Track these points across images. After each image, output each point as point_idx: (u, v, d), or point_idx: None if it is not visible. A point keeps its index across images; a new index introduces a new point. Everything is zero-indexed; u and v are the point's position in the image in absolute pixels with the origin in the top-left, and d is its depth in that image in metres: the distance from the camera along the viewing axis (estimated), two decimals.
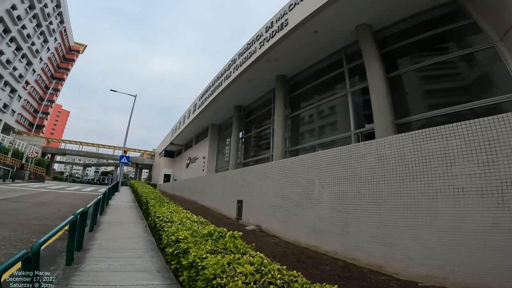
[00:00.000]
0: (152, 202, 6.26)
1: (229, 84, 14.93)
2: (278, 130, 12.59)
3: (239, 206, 9.66)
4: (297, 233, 6.46)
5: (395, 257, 4.19)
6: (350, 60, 10.10)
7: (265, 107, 15.58)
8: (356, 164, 5.15)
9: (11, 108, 42.07)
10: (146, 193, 8.63)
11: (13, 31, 36.63)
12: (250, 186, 9.18)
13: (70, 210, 8.58)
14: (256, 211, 8.60)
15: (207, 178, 14.94)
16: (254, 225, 8.43)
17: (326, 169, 5.89)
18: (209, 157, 23.62)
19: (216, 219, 9.91)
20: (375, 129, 8.03)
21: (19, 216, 7.05)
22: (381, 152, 4.74)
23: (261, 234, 7.54)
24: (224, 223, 9.10)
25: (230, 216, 10.30)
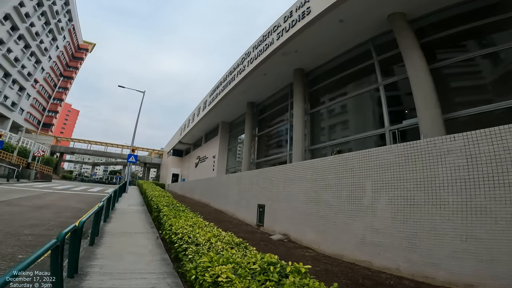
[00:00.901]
0: (165, 210, 5.18)
1: (243, 79, 13.97)
2: (298, 127, 11.59)
3: (260, 211, 8.55)
4: (340, 246, 5.34)
5: (500, 274, 3.07)
6: (380, 51, 9.14)
7: (281, 103, 14.59)
8: (431, 164, 3.97)
9: (19, 106, 41.85)
10: (157, 197, 7.58)
11: (21, 28, 36.28)
12: (274, 189, 8.06)
13: (71, 215, 7.61)
14: (283, 218, 7.48)
15: (221, 179, 13.88)
16: (280, 233, 7.31)
17: (384, 170, 4.73)
18: (219, 156, 22.73)
19: (234, 225, 8.83)
20: (419, 125, 7.04)
21: (12, 222, 6.08)
22: (471, 150, 3.56)
23: (292, 246, 6.42)
24: (244, 231, 8.01)
25: (249, 222, 9.20)
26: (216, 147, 23.32)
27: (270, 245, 6.39)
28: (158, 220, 6.03)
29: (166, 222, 4.21)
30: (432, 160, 4.00)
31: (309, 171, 6.62)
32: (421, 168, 4.12)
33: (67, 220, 6.84)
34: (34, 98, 45.82)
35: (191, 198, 18.27)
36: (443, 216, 3.74)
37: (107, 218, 6.83)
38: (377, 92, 9.02)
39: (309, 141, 11.98)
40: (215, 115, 21.71)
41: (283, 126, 14.47)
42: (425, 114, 6.92)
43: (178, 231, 3.51)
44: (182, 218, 4.27)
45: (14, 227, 5.70)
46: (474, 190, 3.48)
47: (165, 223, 4.24)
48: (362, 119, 10.16)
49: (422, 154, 4.17)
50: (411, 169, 4.29)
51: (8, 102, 38.81)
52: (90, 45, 63.93)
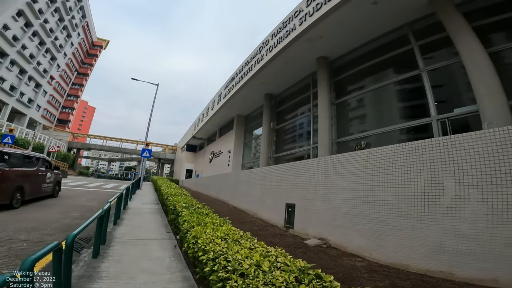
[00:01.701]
0: (185, 214, 4.16)
1: (261, 69, 13.14)
2: (324, 118, 10.65)
3: (289, 212, 7.48)
4: (404, 254, 4.25)
5: None
6: (421, 36, 8.26)
7: (301, 94, 13.68)
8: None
9: (36, 103, 42.32)
10: (173, 196, 6.60)
11: (35, 25, 36.37)
12: (308, 186, 6.94)
13: (79, 216, 6.78)
14: (319, 220, 6.37)
15: (241, 175, 12.86)
16: (316, 237, 6.23)
17: (475, 163, 3.55)
18: (235, 151, 21.89)
19: (258, 227, 7.81)
20: (481, 112, 6.09)
21: (9, 224, 5.27)
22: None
23: (334, 253, 5.33)
24: (272, 234, 6.98)
25: (274, 223, 8.15)
26: (231, 142, 22.55)
27: (309, 252, 5.32)
28: (175, 223, 5.06)
29: (188, 232, 3.19)
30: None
31: (361, 165, 5.46)
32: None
33: (73, 222, 6.00)
34: (50, 95, 46.29)
35: (207, 195, 17.41)
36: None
37: (117, 220, 5.93)
38: (418, 79, 8.12)
39: (336, 133, 10.96)
40: (230, 108, 21.03)
41: (304, 118, 13.56)
42: (488, 100, 6.05)
43: (208, 247, 2.47)
44: (209, 227, 3.23)
45: (9, 230, 4.86)
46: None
47: (187, 233, 3.22)
48: (397, 109, 9.21)
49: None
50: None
51: (25, 98, 39.25)
52: (104, 42, 64.25)
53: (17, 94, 36.75)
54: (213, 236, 2.80)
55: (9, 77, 34.44)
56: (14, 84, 36.03)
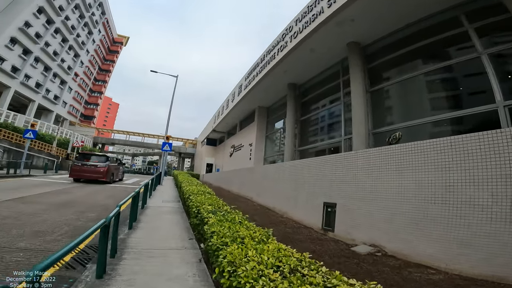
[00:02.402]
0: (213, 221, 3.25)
1: (284, 57, 12.25)
2: (358, 107, 9.67)
3: (328, 212, 6.46)
4: (503, 266, 3.14)
5: None
6: (476, 18, 7.07)
7: (329, 83, 12.57)
8: None
9: (62, 99, 43.51)
10: (195, 195, 5.72)
11: (57, 22, 36.98)
12: (354, 182, 5.87)
13: (94, 217, 6.13)
14: (368, 222, 5.33)
15: (267, 169, 11.89)
16: (366, 243, 5.21)
17: None
18: (256, 144, 21.05)
19: (291, 229, 6.87)
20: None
21: (12, 228, 4.65)
22: None
23: (395, 263, 4.32)
24: (309, 238, 6.03)
25: (309, 224, 7.17)
26: (253, 135, 21.75)
27: (363, 264, 4.32)
28: (198, 230, 4.23)
29: (220, 252, 2.28)
30: None
31: (432, 157, 4.33)
32: None
33: (86, 225, 5.33)
34: (75, 91, 47.43)
35: (228, 190, 16.67)
36: None
37: (133, 223, 5.18)
38: (479, 62, 6.79)
39: (371, 124, 9.83)
40: (252, 100, 20.28)
41: (333, 108, 12.63)
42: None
43: (256, 282, 1.55)
44: (249, 245, 2.30)
45: (9, 236, 4.21)
46: None
47: (218, 253, 2.31)
48: (446, 97, 7.99)
49: None
50: None
51: (51, 95, 40.36)
52: (124, 38, 65.06)
53: (43, 91, 37.81)
54: (260, 264, 1.87)
55: (34, 74, 35.38)
56: (40, 81, 37.04)
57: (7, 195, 7.64)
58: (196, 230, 4.55)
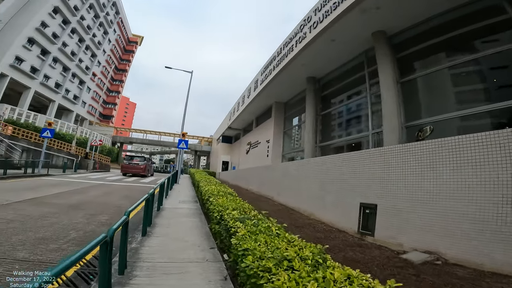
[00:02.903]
0: (243, 234, 2.56)
1: (303, 49, 11.63)
2: (390, 99, 8.97)
3: (365, 214, 5.66)
4: None
5: None
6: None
7: (353, 75, 11.89)
8: None
9: (81, 99, 44.35)
10: (216, 196, 5.04)
11: (73, 22, 37.48)
12: (403, 180, 5.01)
13: (106, 220, 5.62)
14: (421, 225, 4.54)
15: (289, 167, 11.12)
16: (419, 250, 4.41)
17: None
18: (274, 140, 20.35)
19: (322, 233, 6.11)
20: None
21: (16, 234, 4.18)
22: None
23: (465, 274, 3.56)
24: (345, 244, 5.27)
25: (342, 227, 6.38)
26: (270, 131, 21.05)
27: (423, 275, 3.54)
28: (221, 238, 3.58)
29: (260, 282, 1.59)
30: None
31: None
32: None
33: (96, 230, 4.81)
34: (94, 91, 48.26)
35: (247, 189, 16.03)
36: None
37: (147, 228, 4.60)
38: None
39: (403, 117, 9.03)
40: (268, 95, 19.61)
41: (357, 101, 11.94)
42: None
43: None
44: (300, 267, 1.60)
45: (9, 244, 3.72)
46: None
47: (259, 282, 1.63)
48: (494, 85, 7.08)
49: None
50: None
51: (70, 95, 41.14)
52: (139, 38, 65.70)
53: (63, 91, 38.60)
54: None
55: (53, 74, 36.11)
56: (59, 81, 37.81)
57: (19, 196, 7.32)
58: (218, 238, 3.90)
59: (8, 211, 5.64)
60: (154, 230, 4.78)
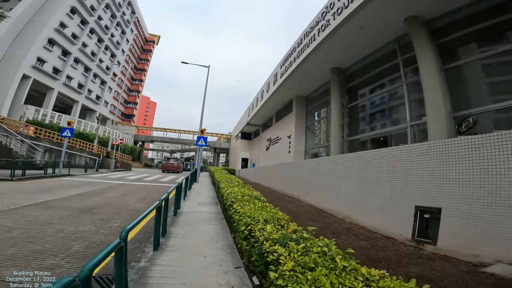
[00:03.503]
0: (291, 266, 1.70)
1: (326, 38, 10.95)
2: (434, 88, 8.12)
3: (423, 219, 4.63)
4: None
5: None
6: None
7: (384, 63, 11.03)
8: None
9: (103, 99, 45.23)
10: (241, 202, 4.19)
11: (91, 22, 37.97)
12: (486, 178, 3.96)
13: (117, 228, 4.96)
14: (505, 231, 3.48)
15: (318, 164, 9.98)
16: (503, 261, 3.38)
17: None
18: (296, 136, 19.43)
19: (366, 241, 5.14)
20: None
21: (12, 245, 3.59)
22: None
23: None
24: (399, 254, 4.34)
25: (389, 233, 5.37)
26: (291, 126, 20.16)
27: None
28: (248, 255, 2.75)
29: None
30: None
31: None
32: None
33: (103, 241, 4.15)
34: (115, 91, 49.10)
35: (269, 187, 15.17)
36: None
37: (159, 240, 3.86)
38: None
39: (450, 106, 8.04)
40: (288, 89, 18.80)
41: (391, 91, 11.02)
42: None
43: None
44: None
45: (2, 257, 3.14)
46: None
47: None
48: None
49: None
50: None
51: (93, 95, 41.99)
52: (156, 37, 66.22)
53: (85, 91, 39.41)
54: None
55: (75, 75, 36.86)
56: (82, 82, 38.60)
57: (32, 199, 6.90)
58: (245, 256, 3.08)
59: (12, 216, 5.13)
60: (169, 242, 4.04)
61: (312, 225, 6.14)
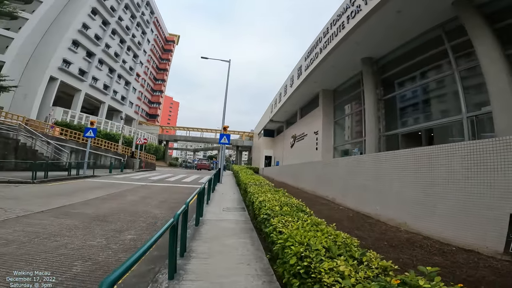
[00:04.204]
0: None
1: (358, 25, 10.00)
2: (497, 73, 7.02)
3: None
4: None
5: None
6: None
7: (427, 51, 9.93)
8: None
9: (128, 100, 46.11)
10: (278, 213, 3.13)
11: (112, 22, 38.49)
12: None
13: (130, 241, 4.19)
14: None
15: (361, 161, 8.40)
16: None
17: None
18: (324, 131, 18.23)
19: (437, 254, 4.10)
20: None
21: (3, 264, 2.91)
22: None
23: None
24: (494, 272, 3.44)
25: (465, 244, 4.22)
26: (318, 121, 18.99)
27: None
28: None
29: None
30: None
31: None
32: None
33: (109, 262, 3.34)
34: (139, 91, 49.94)
35: (297, 187, 14.09)
36: None
37: (176, 263, 3.00)
38: None
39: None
40: (314, 82, 17.76)
41: (435, 80, 9.88)
42: None
43: None
44: None
45: None
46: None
47: None
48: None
49: None
50: None
51: (118, 96, 42.87)
52: (175, 36, 66.69)
53: (111, 92, 40.26)
54: None
55: (100, 76, 37.65)
56: (107, 83, 39.44)
57: (46, 204, 6.37)
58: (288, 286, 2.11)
59: (17, 226, 4.54)
60: (189, 266, 3.16)
61: (359, 234, 5.11)
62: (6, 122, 14.57)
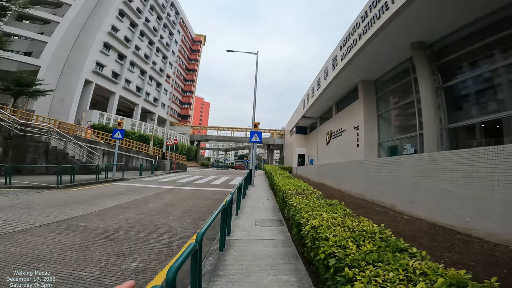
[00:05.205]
0: None
1: (407, 3, 8.86)
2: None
3: None
4: None
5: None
6: None
7: (497, 32, 8.57)
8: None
9: (160, 101, 46.92)
10: (351, 253, 1.68)
11: (139, 24, 39.07)
12: None
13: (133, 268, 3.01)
14: None
15: (437, 160, 6.14)
16: None
17: None
18: (366, 126, 16.34)
19: None
20: None
21: None
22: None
23: None
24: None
25: None
26: (359, 115, 17.11)
27: None
28: None
29: None
30: None
31: None
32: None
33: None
34: (170, 92, 50.76)
35: (340, 190, 12.38)
36: None
37: None
38: None
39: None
40: (353, 72, 16.10)
41: None
42: None
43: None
44: None
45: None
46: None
47: None
48: None
49: None
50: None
51: (151, 98, 43.70)
52: (202, 37, 66.95)
53: (144, 94, 41.08)
54: None
55: (133, 78, 38.45)
56: (139, 85, 40.27)
57: (57, 215, 5.57)
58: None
59: (5, 244, 3.65)
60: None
61: (457, 260, 3.48)
62: (37, 125, 14.69)
